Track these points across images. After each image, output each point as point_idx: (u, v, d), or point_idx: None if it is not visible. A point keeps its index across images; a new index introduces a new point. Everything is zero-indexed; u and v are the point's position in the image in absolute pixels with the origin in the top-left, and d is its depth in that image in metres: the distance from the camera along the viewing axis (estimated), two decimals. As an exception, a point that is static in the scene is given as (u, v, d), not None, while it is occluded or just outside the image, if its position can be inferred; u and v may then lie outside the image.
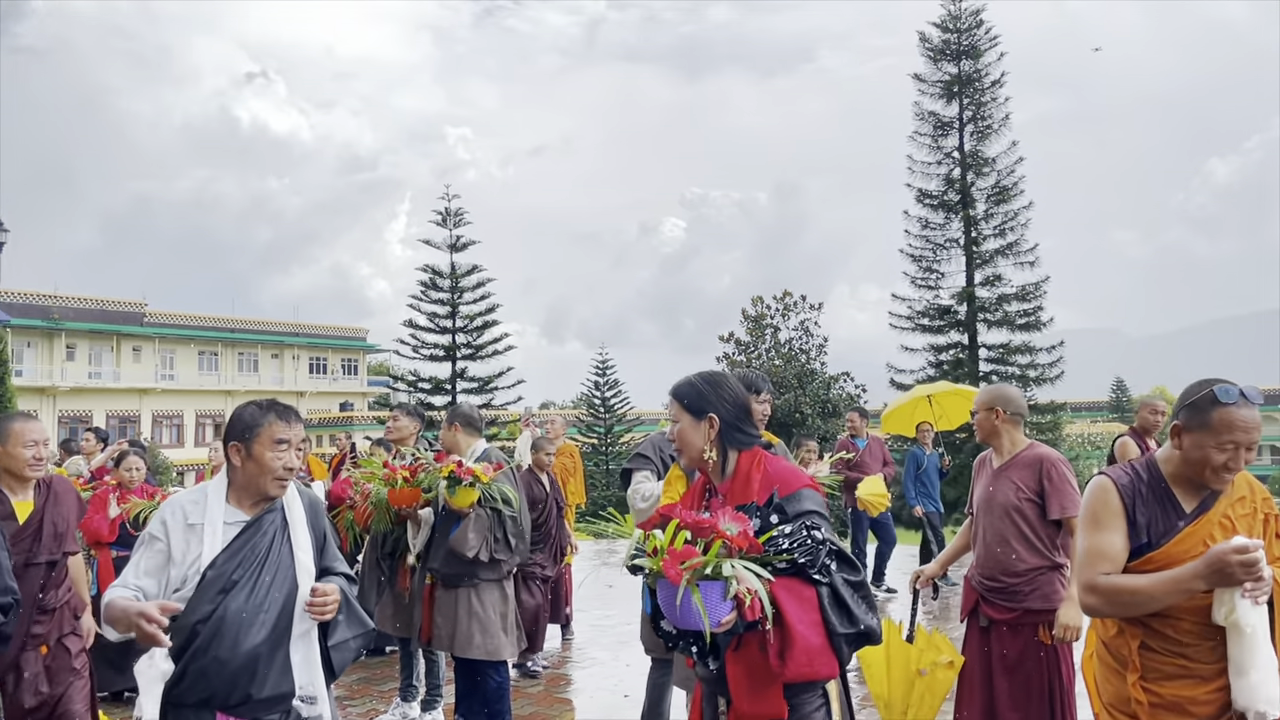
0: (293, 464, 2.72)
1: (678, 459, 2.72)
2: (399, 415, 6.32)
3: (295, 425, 2.77)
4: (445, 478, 4.75)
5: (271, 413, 2.74)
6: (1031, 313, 26.77)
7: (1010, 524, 3.96)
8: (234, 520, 2.69)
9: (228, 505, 2.72)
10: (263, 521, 2.71)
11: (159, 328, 48.98)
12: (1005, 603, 3.97)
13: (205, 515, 2.68)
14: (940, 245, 27.52)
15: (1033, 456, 4.02)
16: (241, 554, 2.64)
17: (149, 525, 2.72)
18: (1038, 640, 3.92)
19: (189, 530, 2.66)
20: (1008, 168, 27.16)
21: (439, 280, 32.15)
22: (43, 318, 44.22)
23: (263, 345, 53.67)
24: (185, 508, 2.70)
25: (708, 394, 2.68)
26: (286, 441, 2.72)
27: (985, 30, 27.68)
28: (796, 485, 2.55)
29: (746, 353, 28.67)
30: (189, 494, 2.77)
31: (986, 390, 4.19)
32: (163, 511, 2.71)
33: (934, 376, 27.02)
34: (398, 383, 34.65)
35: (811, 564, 2.36)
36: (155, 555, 2.66)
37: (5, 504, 4.03)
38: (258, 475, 2.70)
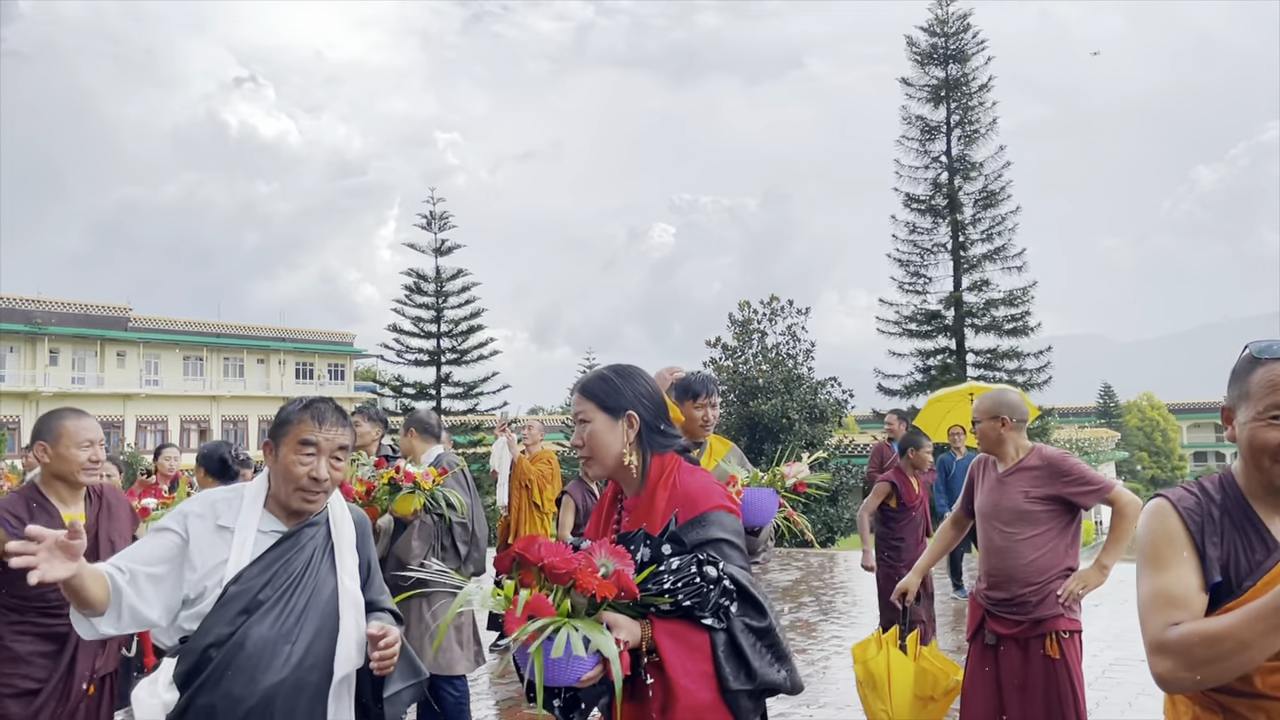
0: (321, 474, 2.31)
1: (584, 470, 2.37)
2: (360, 420, 6.11)
3: (332, 428, 2.35)
4: (385, 484, 4.61)
5: (306, 410, 2.36)
6: (1019, 318, 26.65)
7: (1019, 530, 3.81)
8: (270, 529, 2.32)
9: (265, 512, 2.34)
10: (302, 536, 2.33)
11: (143, 333, 48.57)
12: (1013, 615, 3.81)
13: (238, 519, 2.30)
14: (928, 250, 27.40)
15: (1040, 460, 3.88)
16: (274, 570, 2.26)
17: (165, 519, 2.31)
18: (1045, 655, 3.75)
19: (217, 533, 2.28)
20: (995, 172, 27.08)
21: (423, 284, 31.93)
22: (26, 322, 43.78)
23: (248, 350, 53.29)
24: (217, 505, 2.33)
25: (624, 388, 2.33)
26: (314, 446, 2.31)
27: (973, 34, 27.61)
28: (705, 506, 2.17)
29: (734, 358, 28.49)
30: (223, 492, 2.40)
31: (989, 397, 4.01)
32: (189, 505, 2.33)
33: (922, 382, 26.91)
34: (383, 388, 34.36)
35: (699, 606, 2.01)
36: (166, 546, 2.24)
37: (54, 517, 3.36)
38: (281, 483, 2.33)
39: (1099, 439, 38.30)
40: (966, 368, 26.70)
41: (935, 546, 4.38)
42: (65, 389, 45.27)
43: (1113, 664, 6.85)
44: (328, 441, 2.33)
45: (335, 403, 2.41)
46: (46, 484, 3.44)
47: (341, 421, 2.38)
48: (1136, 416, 72.97)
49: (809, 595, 10.32)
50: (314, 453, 2.31)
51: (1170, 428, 73.47)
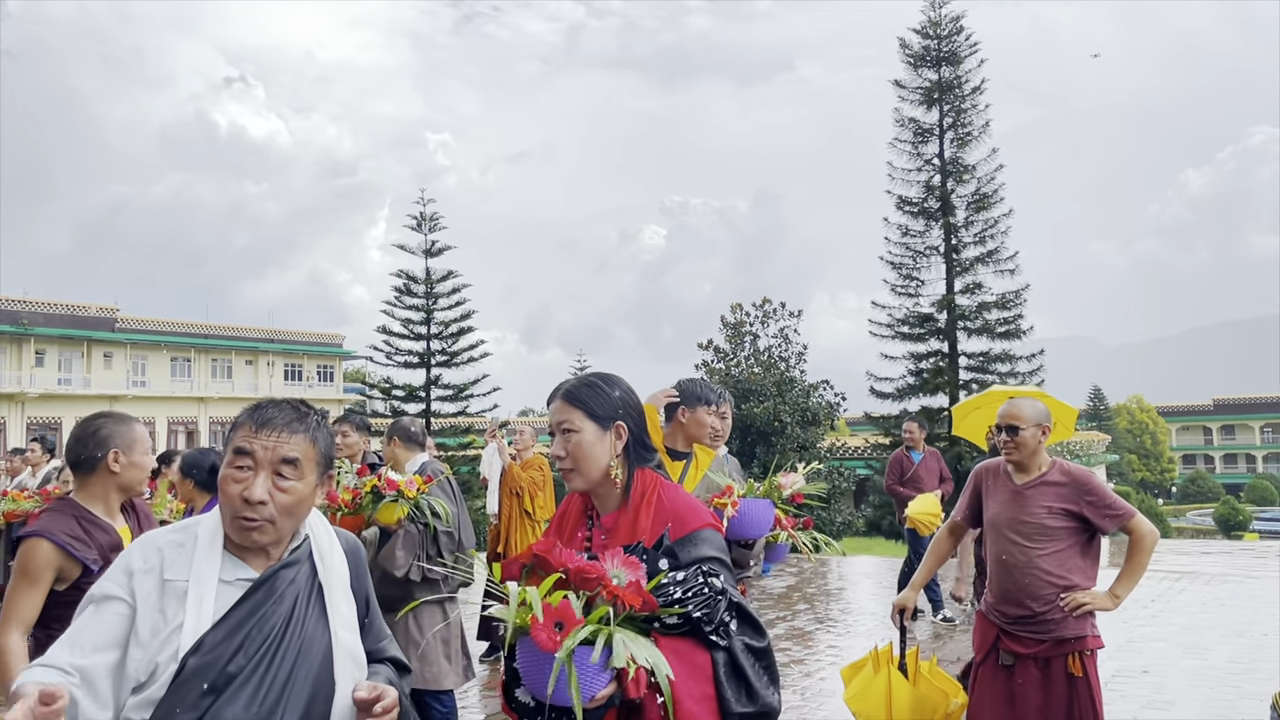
0: (255, 493, 1.78)
1: (565, 480, 2.19)
2: (347, 431, 5.94)
3: (275, 434, 1.84)
4: (368, 492, 4.49)
5: (250, 412, 1.89)
6: (1011, 320, 26.60)
7: (1041, 545, 3.66)
8: (236, 578, 1.81)
9: (225, 554, 1.82)
10: (278, 581, 1.81)
11: (131, 333, 48.20)
12: (1032, 634, 3.65)
13: (192, 567, 1.78)
14: (920, 253, 27.32)
15: (1064, 475, 3.74)
16: (245, 631, 1.75)
17: (105, 575, 1.82)
18: (1069, 673, 3.60)
19: (165, 589, 1.76)
20: (988, 175, 27.03)
21: (413, 286, 31.71)
22: (11, 323, 43.38)
23: (236, 351, 52.95)
24: (164, 553, 1.80)
25: (613, 397, 2.19)
26: (249, 456, 1.80)
27: (965, 37, 27.57)
28: (695, 524, 2.09)
29: (726, 360, 28.38)
30: (168, 533, 1.86)
31: (1031, 404, 3.83)
32: (130, 555, 1.82)
33: (914, 385, 26.84)
34: (372, 390, 34.12)
35: (708, 620, 1.91)
36: (111, 622, 1.74)
37: (111, 534, 3.06)
38: (223, 506, 1.82)
39: (1089, 442, 38.32)
40: (959, 371, 26.64)
41: (931, 558, 4.20)
42: (51, 390, 44.88)
43: (1115, 675, 6.72)
44: (266, 451, 1.81)
45: (299, 405, 1.92)
46: (90, 497, 3.07)
47: (293, 427, 1.85)
48: (1126, 419, 73.19)
49: (803, 603, 10.17)
50: (249, 465, 1.80)
51: (1160, 430, 73.69)
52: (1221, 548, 15.23)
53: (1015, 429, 3.74)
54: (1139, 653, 7.44)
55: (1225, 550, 14.47)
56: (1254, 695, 6.23)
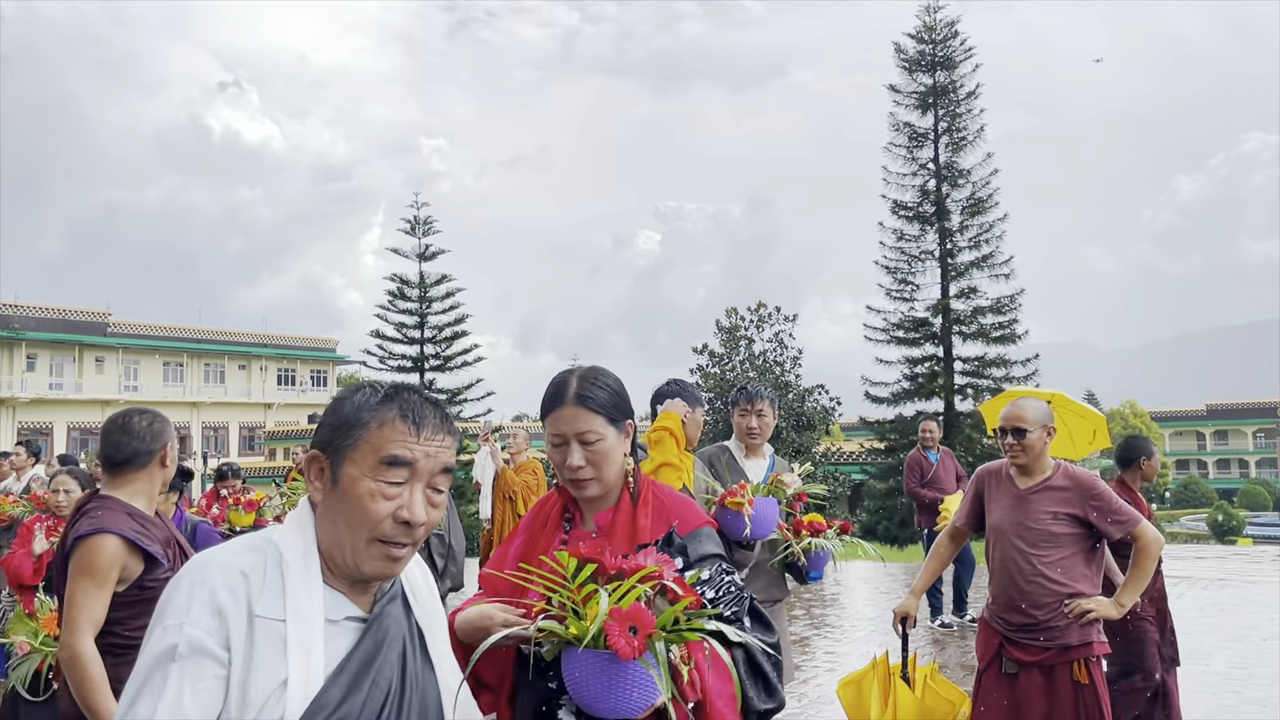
0: (417, 514, 1.42)
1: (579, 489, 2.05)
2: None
3: (435, 437, 1.47)
4: None
5: (392, 404, 1.45)
6: (1007, 325, 26.57)
7: (1045, 552, 3.58)
8: (344, 616, 1.43)
9: (325, 586, 1.42)
10: (385, 619, 1.46)
11: (122, 338, 48.04)
12: (1037, 641, 3.57)
13: (286, 601, 1.36)
14: (915, 257, 27.28)
15: (1069, 479, 3.65)
16: (365, 688, 1.40)
17: (184, 615, 1.32)
18: (1074, 681, 3.52)
19: (255, 629, 1.34)
20: (983, 179, 27.01)
21: (407, 290, 31.60)
22: (2, 327, 43.20)
23: (230, 356, 52.80)
24: (248, 577, 1.36)
25: (622, 395, 2.08)
26: (408, 467, 1.42)
27: (960, 42, 27.57)
28: (697, 522, 2.04)
29: (720, 365, 28.31)
30: (244, 550, 1.42)
31: (1033, 405, 3.74)
32: (210, 585, 1.34)
33: (909, 390, 26.78)
34: (365, 394, 33.98)
35: (737, 618, 1.88)
36: (210, 689, 1.31)
37: (163, 528, 2.95)
38: (345, 530, 1.41)
39: (1084, 447, 38.37)
40: (954, 375, 26.60)
41: (932, 563, 4.12)
42: (43, 395, 44.68)
43: (1115, 681, 6.63)
44: (429, 460, 1.44)
45: (431, 396, 1.53)
46: (135, 494, 2.93)
47: (448, 427, 1.50)
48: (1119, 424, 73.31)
49: (800, 609, 10.08)
50: (406, 478, 1.42)
51: (1153, 435, 73.85)
52: (1215, 553, 15.19)
53: (1021, 431, 3.65)
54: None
55: (1219, 555, 14.43)
56: (1256, 700, 6.16)
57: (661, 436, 3.58)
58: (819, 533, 4.13)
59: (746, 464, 4.26)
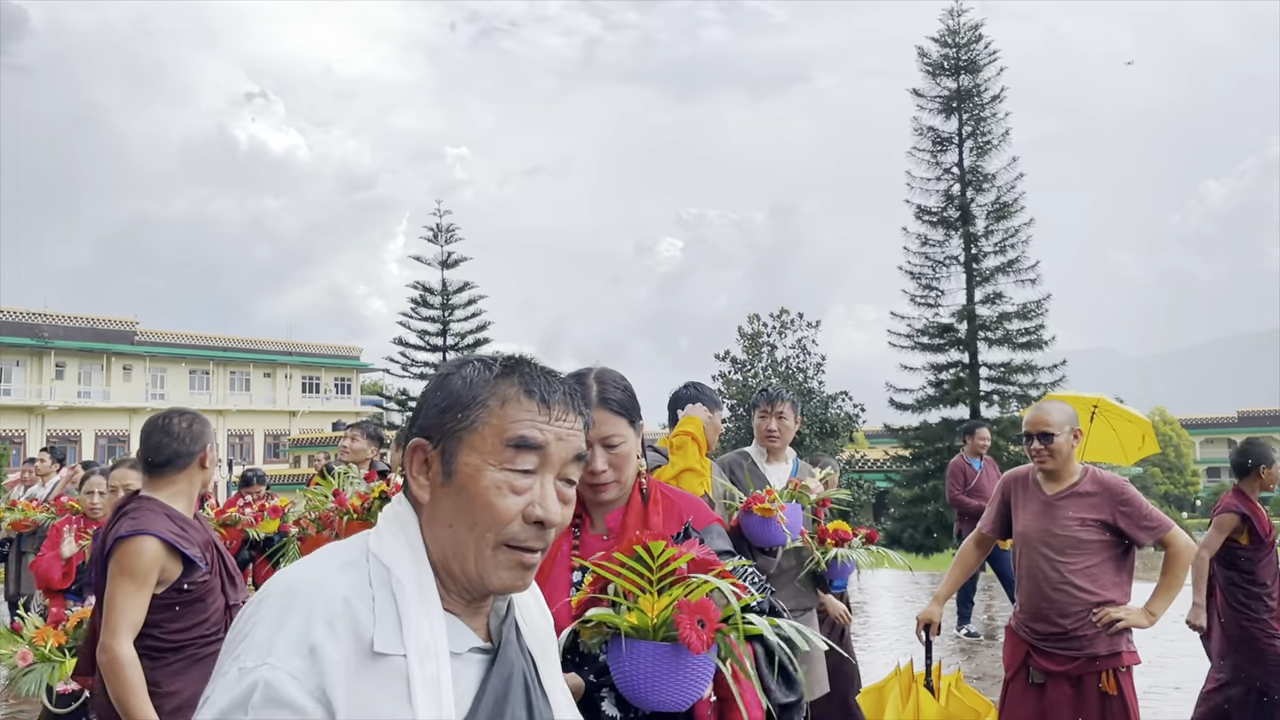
0: (552, 512, 1.16)
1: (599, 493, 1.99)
2: (356, 435, 5.87)
3: (565, 416, 1.20)
4: (376, 498, 4.36)
5: (514, 376, 1.19)
6: (1033, 331, 26.32)
7: (1072, 559, 3.49)
8: (469, 648, 1.17)
9: (446, 611, 1.16)
10: (509, 649, 1.22)
11: (150, 347, 48.57)
12: (1065, 650, 3.48)
13: (405, 631, 1.09)
14: (940, 262, 27.09)
15: (1097, 484, 3.55)
16: None
17: (262, 656, 1.03)
18: (1103, 692, 3.42)
19: (372, 668, 1.06)
20: (1008, 184, 26.80)
21: (430, 297, 31.76)
22: (32, 336, 43.78)
23: (255, 364, 53.25)
24: (352, 605, 1.08)
25: (635, 395, 2.04)
26: (536, 452, 1.16)
27: (984, 45, 27.41)
28: (710, 519, 2.04)
29: (743, 371, 28.20)
30: (341, 567, 1.13)
31: (1058, 408, 3.66)
32: (302, 615, 1.05)
33: (934, 396, 26.57)
34: (389, 402, 34.15)
35: (765, 610, 1.85)
36: None
37: (202, 530, 2.95)
38: (468, 534, 1.14)
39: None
40: (980, 382, 26.36)
41: (957, 570, 4.03)
42: (71, 403, 45.22)
43: (1146, 691, 6.48)
44: (560, 444, 1.18)
45: (556, 371, 1.27)
46: (174, 495, 2.93)
47: (577, 406, 1.23)
48: (1149, 432, 72.37)
49: (823, 616, 9.97)
50: (536, 466, 1.16)
51: (1183, 443, 72.87)
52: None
53: (1048, 435, 3.56)
54: (1170, 668, 7.23)
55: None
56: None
57: (684, 441, 3.52)
58: (844, 541, 4.05)
59: (768, 469, 4.20)
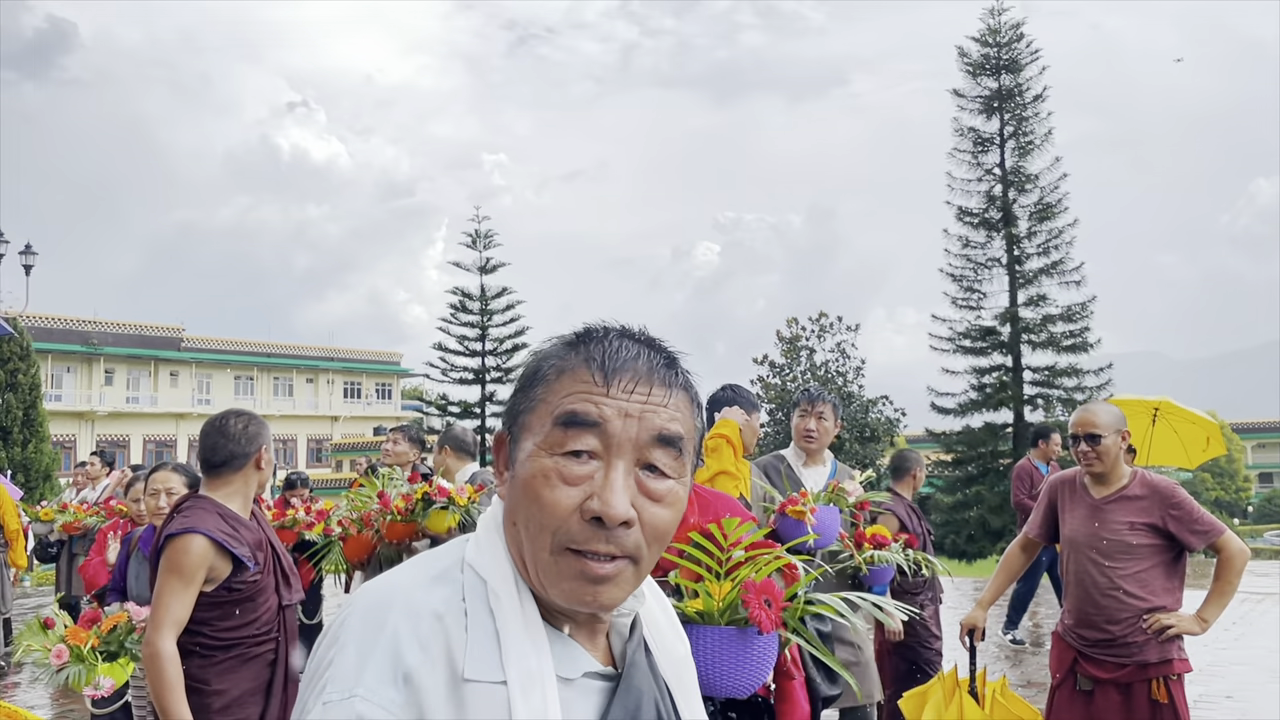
0: (621, 510, 0.94)
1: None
2: (398, 439, 5.93)
3: (639, 387, 0.99)
4: (419, 499, 4.42)
5: (581, 348, 1.02)
6: (1078, 334, 25.87)
7: (1122, 564, 3.42)
8: (583, 673, 1.01)
9: (546, 626, 0.99)
10: (635, 674, 1.04)
11: (196, 353, 49.40)
12: (1114, 658, 3.41)
13: (504, 653, 0.94)
14: (982, 264, 26.73)
15: (1146, 487, 3.48)
16: None
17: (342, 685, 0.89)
18: (1153, 700, 3.35)
19: (463, 697, 0.91)
20: (1051, 184, 26.39)
21: (468, 303, 31.94)
22: (82, 343, 44.72)
23: (298, 370, 53.96)
24: (445, 622, 0.94)
25: None
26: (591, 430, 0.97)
27: (1026, 44, 27.03)
28: (745, 519, 2.05)
29: (781, 375, 28.06)
30: (427, 580, 0.98)
31: (1105, 409, 3.60)
32: (390, 637, 0.92)
33: (977, 400, 26.22)
34: (429, 406, 34.41)
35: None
36: None
37: (255, 530, 2.99)
38: (524, 533, 0.99)
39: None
40: (1023, 385, 25.96)
41: (1001, 575, 3.97)
42: (120, 408, 46.11)
43: (1197, 700, 6.35)
44: (627, 422, 0.97)
45: (644, 336, 1.07)
46: (230, 495, 2.97)
47: (667, 377, 1.02)
48: (1198, 436, 70.88)
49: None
50: (596, 448, 0.97)
51: (1234, 448, 71.28)
52: (1305, 568, 14.55)
53: (1095, 437, 3.49)
54: (1222, 676, 7.08)
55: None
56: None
57: (719, 444, 3.51)
58: (882, 545, 4.01)
59: (805, 472, 4.16)
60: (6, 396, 21.03)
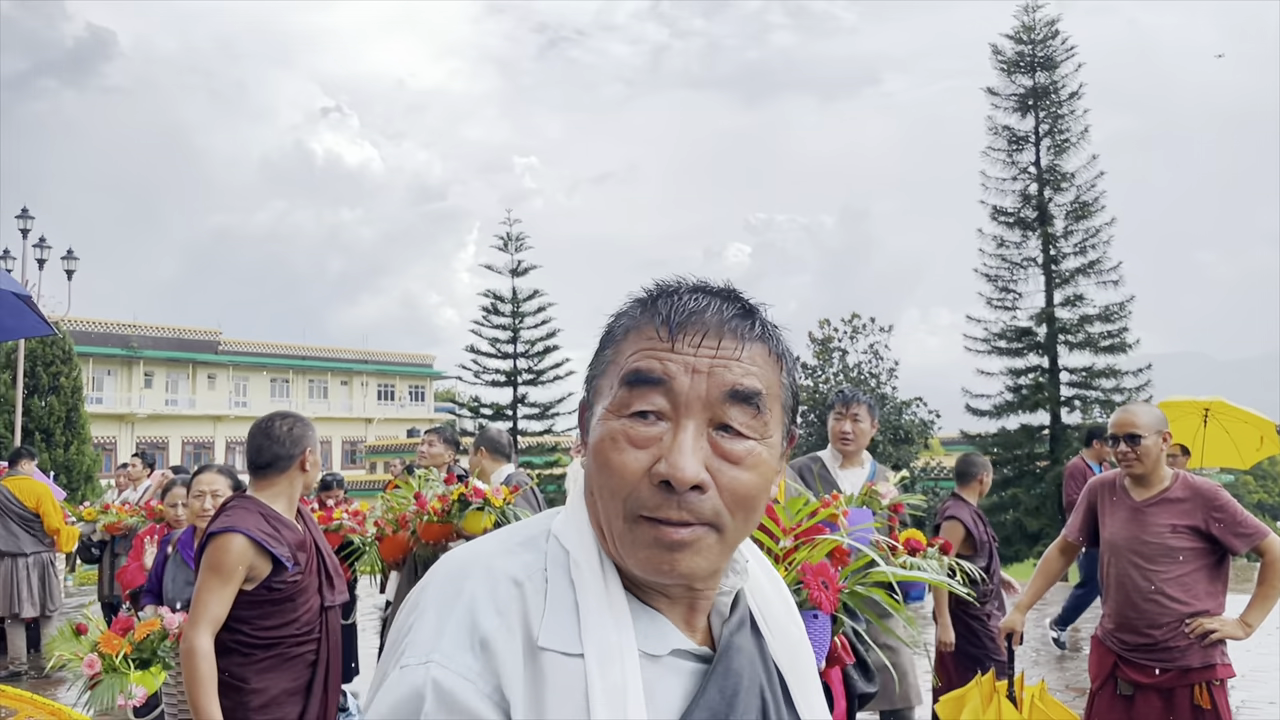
0: (690, 471, 0.86)
1: None
2: (434, 440, 5.97)
3: (712, 340, 0.92)
4: (455, 500, 4.43)
5: (653, 305, 0.96)
6: (1116, 334, 25.50)
7: (1163, 568, 3.37)
8: (670, 650, 0.93)
9: (630, 598, 0.93)
10: (733, 655, 0.95)
11: (232, 356, 50.06)
12: (1156, 662, 3.36)
13: (583, 626, 0.89)
14: (1017, 264, 26.44)
15: (1188, 489, 3.42)
16: None
17: (419, 651, 0.87)
18: (1195, 705, 3.30)
19: (538, 664, 0.87)
20: (1088, 183, 26.04)
21: (500, 305, 32.09)
22: (122, 346, 45.48)
23: (332, 373, 54.51)
24: (523, 589, 0.90)
25: None
26: (657, 388, 0.90)
27: (1061, 41, 26.72)
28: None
29: (814, 377, 27.92)
30: (511, 546, 0.96)
31: (1145, 410, 3.55)
32: (467, 603, 0.89)
33: (1012, 401, 25.93)
34: (462, 409, 34.61)
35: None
36: None
37: (297, 531, 3.01)
38: (600, 502, 0.93)
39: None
40: (1060, 387, 25.65)
41: (1040, 579, 3.92)
42: (159, 411, 46.83)
43: (1240, 706, 6.24)
44: (695, 378, 0.90)
45: (718, 287, 0.98)
46: (275, 496, 3.02)
47: (742, 330, 0.93)
48: (1240, 438, 69.54)
49: (899, 625, 9.79)
50: (663, 408, 0.90)
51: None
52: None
53: (1135, 437, 3.44)
54: (1265, 682, 6.96)
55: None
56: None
57: None
58: (916, 551, 3.98)
59: (841, 474, 4.14)
60: (49, 399, 21.45)
